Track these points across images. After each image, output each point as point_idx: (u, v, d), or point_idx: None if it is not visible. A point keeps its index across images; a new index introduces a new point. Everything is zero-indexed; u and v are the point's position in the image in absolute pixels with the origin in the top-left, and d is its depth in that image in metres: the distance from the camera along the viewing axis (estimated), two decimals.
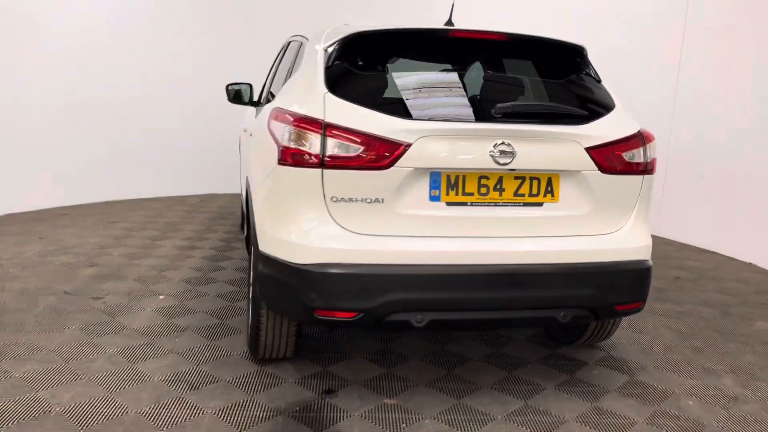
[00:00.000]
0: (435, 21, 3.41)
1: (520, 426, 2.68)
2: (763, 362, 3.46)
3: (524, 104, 2.81)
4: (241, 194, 6.03)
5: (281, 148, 2.59)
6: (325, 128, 2.49)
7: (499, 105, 2.60)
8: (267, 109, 3.17)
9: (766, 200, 5.51)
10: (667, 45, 6.29)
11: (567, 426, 2.70)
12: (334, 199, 2.51)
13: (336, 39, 2.81)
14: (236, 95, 5.02)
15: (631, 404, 2.91)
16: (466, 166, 2.55)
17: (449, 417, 2.73)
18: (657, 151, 2.92)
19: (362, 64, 2.80)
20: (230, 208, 7.36)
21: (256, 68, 6.46)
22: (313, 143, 2.49)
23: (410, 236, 2.55)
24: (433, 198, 2.56)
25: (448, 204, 2.57)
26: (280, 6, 8.33)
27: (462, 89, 2.78)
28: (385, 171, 2.48)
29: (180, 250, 5.36)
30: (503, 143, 2.53)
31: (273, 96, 4.80)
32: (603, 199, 2.72)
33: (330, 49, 2.79)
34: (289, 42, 4.24)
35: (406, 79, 2.79)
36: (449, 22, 3.31)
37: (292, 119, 2.59)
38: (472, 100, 2.71)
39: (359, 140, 2.47)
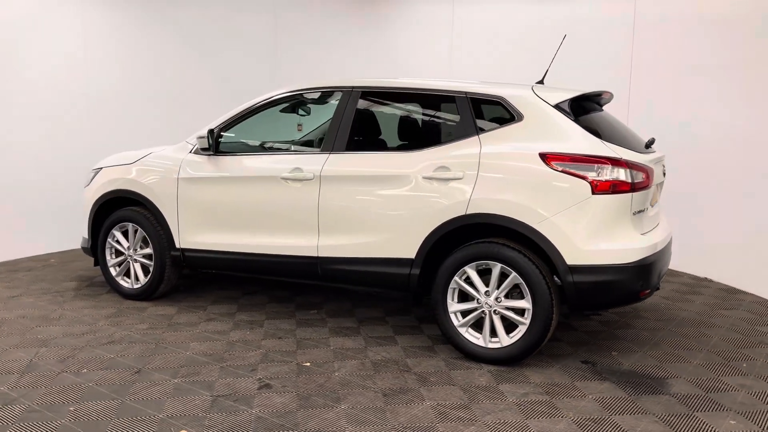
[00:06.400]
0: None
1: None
2: None
3: (650, 138, 4.18)
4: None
5: (597, 182, 3.46)
6: (629, 165, 3.52)
7: (647, 139, 4.10)
8: (501, 154, 3.72)
9: None
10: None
11: None
12: (634, 212, 3.59)
13: (564, 99, 3.78)
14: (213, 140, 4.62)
15: None
16: (657, 181, 3.97)
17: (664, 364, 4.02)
18: None
19: (583, 114, 3.84)
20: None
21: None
22: (624, 175, 3.50)
23: (650, 231, 3.81)
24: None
25: (651, 206, 3.94)
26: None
27: (625, 128, 4.12)
28: (649, 189, 3.71)
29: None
30: (660, 164, 4.09)
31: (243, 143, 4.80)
32: (660, 198, 4.54)
33: (563, 106, 3.74)
34: (330, 93, 4.43)
35: (612, 124, 3.97)
36: (541, 82, 4.42)
37: (603, 161, 3.48)
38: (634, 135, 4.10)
39: (643, 170, 3.62)
